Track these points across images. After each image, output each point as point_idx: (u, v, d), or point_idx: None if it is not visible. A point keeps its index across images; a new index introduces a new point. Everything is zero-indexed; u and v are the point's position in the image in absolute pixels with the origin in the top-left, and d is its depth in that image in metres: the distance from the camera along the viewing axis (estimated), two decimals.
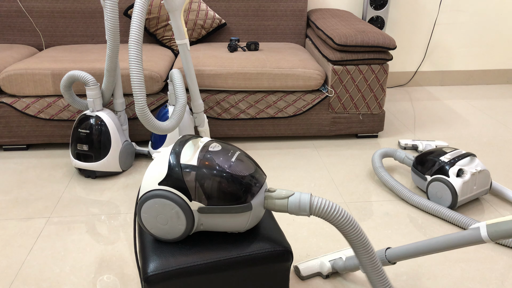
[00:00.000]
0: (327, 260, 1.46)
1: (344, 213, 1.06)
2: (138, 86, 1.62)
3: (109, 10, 1.75)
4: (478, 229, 1.04)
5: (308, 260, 1.48)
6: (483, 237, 1.03)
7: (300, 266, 1.44)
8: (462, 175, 1.77)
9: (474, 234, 1.05)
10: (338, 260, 1.42)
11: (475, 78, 3.52)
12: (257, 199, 1.07)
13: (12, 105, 2.20)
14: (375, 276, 1.14)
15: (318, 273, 1.45)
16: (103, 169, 2.02)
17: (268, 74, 2.28)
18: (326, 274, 1.44)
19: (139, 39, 1.60)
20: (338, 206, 1.06)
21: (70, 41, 2.77)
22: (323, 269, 1.44)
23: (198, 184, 1.03)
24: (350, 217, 1.06)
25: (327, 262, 1.44)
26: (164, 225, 1.06)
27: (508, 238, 1.00)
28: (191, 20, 2.70)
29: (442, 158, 1.84)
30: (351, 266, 1.36)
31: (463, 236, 1.07)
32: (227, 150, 1.10)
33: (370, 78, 2.36)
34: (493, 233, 1.01)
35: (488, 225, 1.02)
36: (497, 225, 1.01)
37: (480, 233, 1.03)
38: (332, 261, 1.45)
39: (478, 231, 1.04)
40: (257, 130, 2.42)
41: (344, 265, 1.39)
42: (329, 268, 1.44)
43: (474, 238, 1.05)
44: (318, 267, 1.45)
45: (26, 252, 1.55)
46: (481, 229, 1.03)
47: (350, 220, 1.06)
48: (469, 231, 1.06)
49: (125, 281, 1.42)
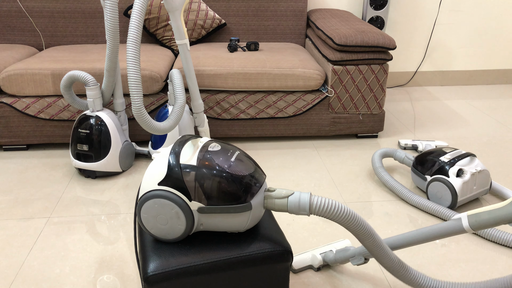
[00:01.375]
0: (318, 253, 1.49)
1: (345, 209, 1.06)
2: (135, 86, 1.63)
3: (109, 10, 1.75)
4: (460, 220, 1.07)
5: (299, 254, 1.51)
6: (464, 227, 1.06)
7: None
8: (462, 175, 1.77)
9: (456, 225, 1.08)
10: (328, 253, 1.46)
11: (475, 78, 3.52)
12: (257, 199, 1.07)
13: (12, 105, 2.20)
14: (386, 259, 1.16)
15: (310, 266, 1.48)
16: (103, 169, 2.02)
17: (268, 74, 2.28)
18: (318, 267, 1.47)
19: (137, 39, 1.60)
20: (338, 203, 1.06)
21: (70, 41, 2.77)
22: (314, 262, 1.47)
23: (198, 184, 1.03)
24: (350, 212, 1.06)
25: (318, 255, 1.47)
26: (164, 225, 1.06)
27: (488, 227, 1.03)
28: (191, 20, 2.70)
29: (442, 158, 1.84)
30: (341, 259, 1.38)
31: (445, 226, 1.10)
32: (226, 150, 1.10)
33: (370, 78, 2.36)
34: (474, 223, 1.04)
35: (469, 216, 1.05)
36: (477, 215, 1.04)
37: (462, 223, 1.06)
38: (323, 254, 1.48)
39: (460, 222, 1.07)
40: (257, 130, 2.42)
41: (334, 258, 1.41)
42: (320, 261, 1.46)
43: (456, 228, 1.08)
44: (310, 260, 1.48)
45: (26, 252, 1.55)
46: (463, 219, 1.06)
47: (351, 215, 1.06)
48: (451, 221, 1.09)
49: (125, 281, 1.42)
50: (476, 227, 1.04)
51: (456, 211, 1.81)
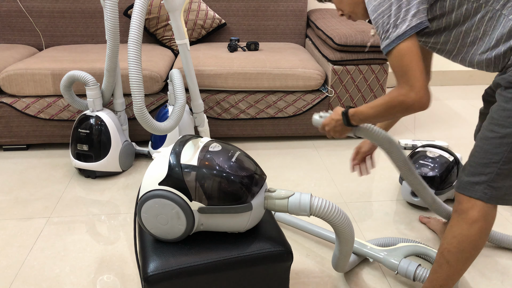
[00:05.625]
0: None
1: (342, 214, 1.10)
2: (137, 87, 1.63)
3: (109, 10, 1.75)
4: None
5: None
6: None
7: None
8: None
9: None
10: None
11: (475, 78, 3.52)
12: (257, 199, 1.07)
13: (12, 105, 2.20)
14: (345, 262, 1.30)
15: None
16: (103, 169, 2.02)
17: (268, 74, 2.28)
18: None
19: (138, 40, 1.60)
20: (337, 207, 1.08)
21: (70, 41, 2.77)
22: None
23: (199, 184, 1.03)
24: (347, 219, 1.11)
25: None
26: (164, 225, 1.06)
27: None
28: (191, 20, 2.70)
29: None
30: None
31: None
32: (227, 150, 1.10)
33: (370, 78, 2.36)
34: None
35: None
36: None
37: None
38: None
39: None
40: (257, 130, 2.42)
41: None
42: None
43: None
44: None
45: (26, 252, 1.55)
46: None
47: (347, 222, 1.12)
48: None
49: (125, 281, 1.42)
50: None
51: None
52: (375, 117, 1.15)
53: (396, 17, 1.01)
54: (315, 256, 1.55)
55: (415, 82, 1.01)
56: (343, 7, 1.18)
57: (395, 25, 1.01)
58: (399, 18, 1.01)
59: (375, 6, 1.04)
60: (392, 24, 1.02)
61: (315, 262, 1.52)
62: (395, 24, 1.01)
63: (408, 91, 1.02)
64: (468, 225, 1.10)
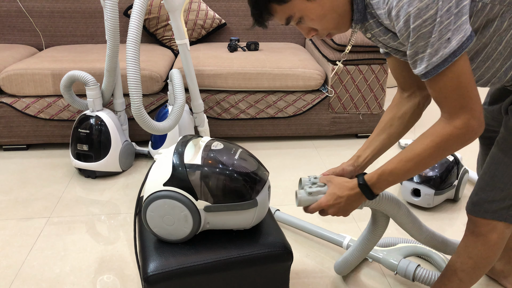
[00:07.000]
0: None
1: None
2: (135, 87, 1.63)
3: (109, 10, 1.75)
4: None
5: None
6: None
7: None
8: None
9: None
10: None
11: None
12: (262, 195, 1.08)
13: (12, 105, 2.20)
14: None
15: None
16: (103, 169, 2.02)
17: (268, 74, 2.28)
18: None
19: (137, 39, 1.60)
20: None
21: (70, 41, 2.77)
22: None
23: (204, 183, 1.03)
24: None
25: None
26: (170, 226, 1.06)
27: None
28: (191, 20, 2.70)
29: None
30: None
31: None
32: (229, 148, 1.10)
33: (370, 78, 2.36)
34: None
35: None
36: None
37: None
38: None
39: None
40: (257, 130, 2.42)
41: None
42: None
43: None
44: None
45: (26, 252, 1.55)
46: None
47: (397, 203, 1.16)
48: None
49: (125, 281, 1.42)
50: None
51: (454, 211, 1.81)
52: (416, 170, 0.93)
53: (447, 27, 0.79)
54: (315, 256, 1.55)
55: (476, 105, 0.84)
56: (324, 25, 0.93)
57: (448, 39, 0.80)
58: (450, 30, 0.79)
59: (419, 10, 0.78)
60: (443, 36, 0.80)
61: (315, 262, 1.52)
62: (446, 35, 0.80)
63: (468, 119, 0.85)
64: (487, 248, 1.07)
